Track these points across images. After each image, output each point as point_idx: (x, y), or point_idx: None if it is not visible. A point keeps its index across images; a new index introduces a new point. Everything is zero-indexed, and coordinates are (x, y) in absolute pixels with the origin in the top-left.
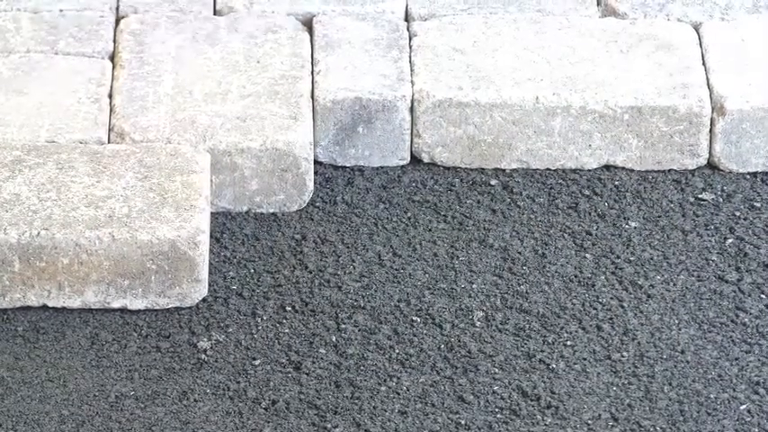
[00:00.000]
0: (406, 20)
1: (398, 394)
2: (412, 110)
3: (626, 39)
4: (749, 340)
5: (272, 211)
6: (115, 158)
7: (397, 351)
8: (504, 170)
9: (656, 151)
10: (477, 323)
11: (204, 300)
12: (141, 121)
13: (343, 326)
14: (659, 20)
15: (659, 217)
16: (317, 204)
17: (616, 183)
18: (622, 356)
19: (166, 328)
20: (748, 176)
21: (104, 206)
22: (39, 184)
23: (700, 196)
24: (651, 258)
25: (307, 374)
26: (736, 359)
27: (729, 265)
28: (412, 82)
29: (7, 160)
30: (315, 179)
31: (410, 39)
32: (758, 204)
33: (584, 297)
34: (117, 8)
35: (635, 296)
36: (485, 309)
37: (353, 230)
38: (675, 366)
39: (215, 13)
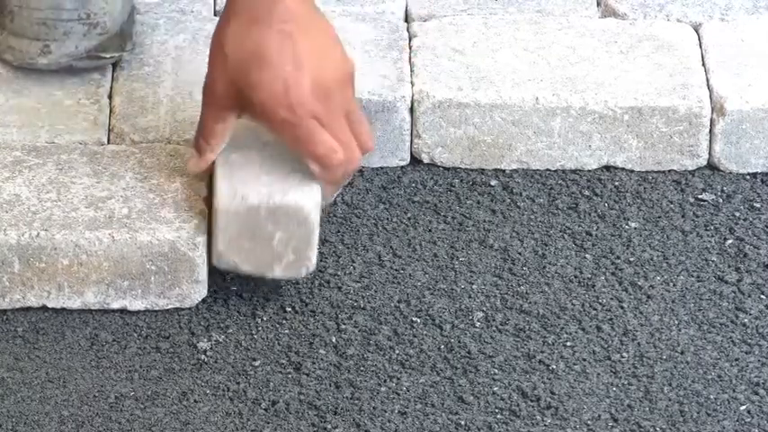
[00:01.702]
0: (406, 20)
1: (398, 395)
2: (412, 110)
3: (626, 39)
4: (749, 341)
5: None
6: (115, 159)
7: (397, 352)
8: (504, 171)
9: (656, 152)
10: (477, 324)
11: (204, 300)
12: (141, 122)
13: (343, 326)
14: (659, 20)
15: (659, 217)
16: None
17: (616, 183)
18: (622, 357)
19: (166, 329)
20: (748, 177)
21: (104, 207)
22: (38, 185)
23: (700, 197)
24: (651, 259)
25: (307, 375)
26: (736, 360)
27: (729, 266)
28: (412, 83)
29: (7, 161)
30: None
31: (410, 39)
32: (758, 205)
33: (584, 298)
34: None
35: (635, 297)
36: (485, 309)
37: (353, 231)
38: (675, 367)
39: (215, 14)
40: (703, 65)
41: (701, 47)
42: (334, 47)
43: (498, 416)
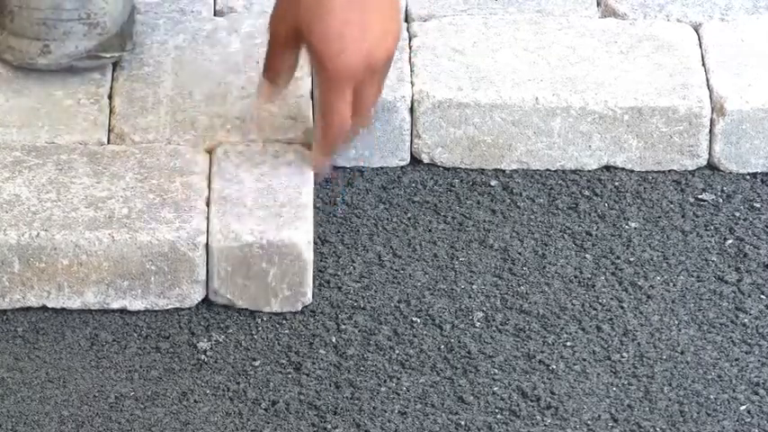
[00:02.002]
0: (406, 20)
1: (398, 395)
2: (412, 110)
3: (626, 39)
4: (749, 341)
5: None
6: (115, 159)
7: (397, 352)
8: (504, 171)
9: (656, 152)
10: (477, 324)
11: (204, 300)
12: (141, 122)
13: (343, 326)
14: (659, 20)
15: (659, 217)
16: (317, 205)
17: (616, 183)
18: (622, 357)
19: (166, 329)
20: (748, 177)
21: (104, 207)
22: (38, 185)
23: (700, 197)
24: (651, 259)
25: (306, 375)
26: (736, 360)
27: (729, 266)
28: (412, 83)
29: (7, 161)
30: (314, 180)
31: (410, 39)
32: (758, 205)
33: (584, 298)
34: None
35: (635, 297)
36: (485, 309)
37: (353, 231)
38: (675, 367)
39: (215, 14)
40: (703, 65)
41: (701, 47)
42: (397, 15)
43: (498, 416)
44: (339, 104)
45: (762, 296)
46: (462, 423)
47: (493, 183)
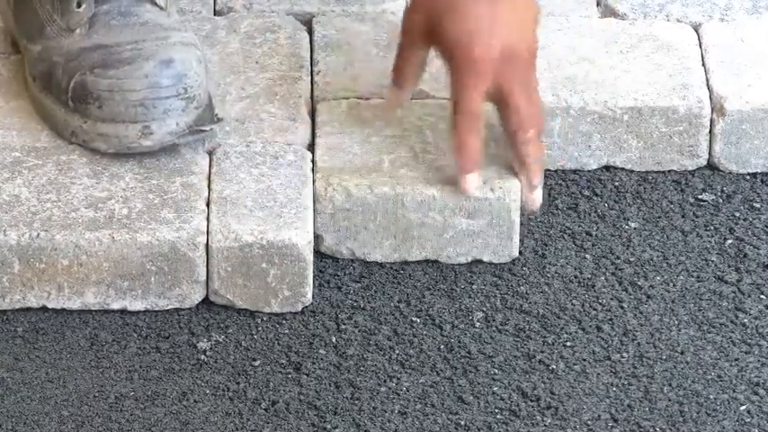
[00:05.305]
0: None
1: (398, 395)
2: None
3: (626, 39)
4: (749, 341)
5: None
6: (115, 159)
7: (397, 352)
8: None
9: (656, 152)
10: (477, 324)
11: (204, 300)
12: None
13: (343, 326)
14: (659, 20)
15: (659, 218)
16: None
17: (616, 183)
18: (622, 357)
19: (166, 329)
20: (748, 177)
21: (104, 207)
22: (38, 186)
23: (699, 197)
24: (651, 259)
25: (306, 375)
26: (736, 360)
27: (729, 266)
28: None
29: (7, 161)
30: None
31: None
32: (758, 205)
33: (584, 298)
34: None
35: (635, 297)
36: (485, 309)
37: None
38: (675, 367)
39: (215, 14)
40: (703, 65)
41: (700, 47)
42: (532, 23)
43: (498, 416)
44: (470, 93)
45: (762, 296)
46: (462, 423)
47: None
